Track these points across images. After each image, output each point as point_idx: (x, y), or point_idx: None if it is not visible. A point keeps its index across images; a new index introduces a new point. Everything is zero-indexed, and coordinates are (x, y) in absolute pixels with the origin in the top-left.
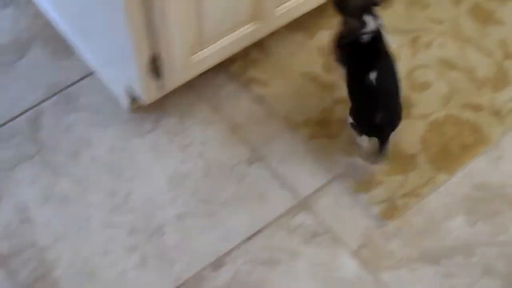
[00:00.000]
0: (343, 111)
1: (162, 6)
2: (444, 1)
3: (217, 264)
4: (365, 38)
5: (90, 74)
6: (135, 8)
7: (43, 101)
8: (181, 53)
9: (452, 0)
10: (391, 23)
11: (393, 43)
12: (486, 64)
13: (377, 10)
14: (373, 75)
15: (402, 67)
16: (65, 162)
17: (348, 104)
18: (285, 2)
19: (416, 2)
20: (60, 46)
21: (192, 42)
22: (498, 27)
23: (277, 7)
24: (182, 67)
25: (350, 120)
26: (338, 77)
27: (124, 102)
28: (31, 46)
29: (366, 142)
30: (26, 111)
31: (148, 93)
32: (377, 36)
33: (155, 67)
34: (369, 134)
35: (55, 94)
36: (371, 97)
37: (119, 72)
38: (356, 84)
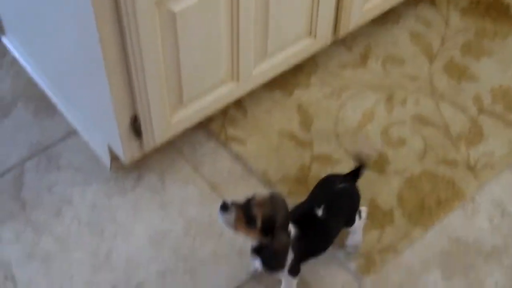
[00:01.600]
0: (320, 168)
1: (141, 69)
2: (419, 58)
3: None
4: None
5: (72, 133)
6: (117, 71)
7: (26, 160)
8: (160, 114)
9: (427, 56)
10: (367, 80)
11: (369, 100)
12: (460, 120)
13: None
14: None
15: (377, 124)
16: (47, 220)
17: (324, 161)
18: (262, 63)
19: (391, 59)
20: (43, 105)
21: (171, 103)
22: (472, 82)
23: (254, 67)
24: (161, 127)
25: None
26: None
27: (106, 161)
28: (14, 105)
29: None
30: (10, 170)
31: (129, 152)
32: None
33: (135, 127)
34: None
35: (37, 153)
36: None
37: (100, 131)
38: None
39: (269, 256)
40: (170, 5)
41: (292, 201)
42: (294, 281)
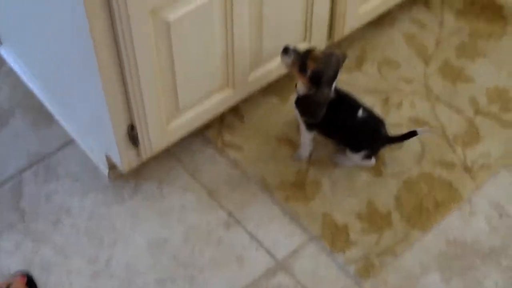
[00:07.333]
0: (317, 173)
1: (136, 78)
2: (414, 60)
3: None
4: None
5: (70, 142)
6: (112, 81)
7: (25, 170)
8: (157, 122)
9: (422, 59)
10: (364, 84)
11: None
12: (457, 121)
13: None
14: (360, 112)
15: None
16: (46, 229)
17: (321, 166)
18: (258, 68)
19: (387, 63)
20: (40, 115)
21: (167, 111)
22: (468, 84)
23: (250, 73)
24: (158, 135)
25: (361, 154)
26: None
27: (104, 169)
28: (12, 115)
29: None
30: (8, 180)
31: (127, 161)
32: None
33: (132, 136)
34: (382, 147)
35: (36, 163)
36: (370, 124)
37: (98, 140)
38: (351, 125)
39: (308, 105)
40: (164, 14)
41: (291, 208)
42: (307, 134)
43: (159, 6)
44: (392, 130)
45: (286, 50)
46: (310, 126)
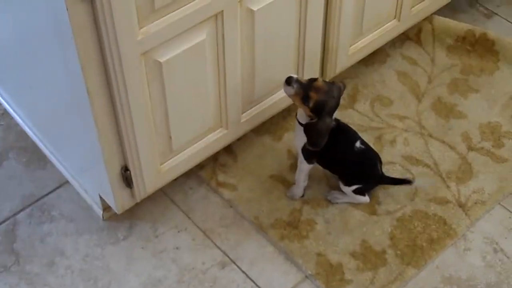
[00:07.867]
0: (311, 211)
1: (129, 120)
2: (407, 97)
3: None
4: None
5: (64, 183)
6: (105, 123)
7: (19, 212)
8: (150, 163)
9: (415, 96)
10: (357, 122)
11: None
12: (450, 158)
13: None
14: (358, 143)
15: None
16: (41, 271)
17: (315, 204)
18: (251, 108)
19: (380, 100)
20: (34, 157)
21: (160, 152)
22: (461, 120)
23: (243, 113)
24: (152, 177)
25: (353, 188)
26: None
27: (98, 210)
28: (5, 157)
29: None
30: (2, 222)
31: (120, 202)
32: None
33: (126, 177)
34: (375, 185)
35: (30, 204)
36: (366, 157)
37: (92, 182)
38: (347, 155)
39: (310, 133)
40: (156, 55)
41: (285, 247)
42: (305, 166)
43: (151, 47)
44: (386, 167)
45: (289, 81)
46: (310, 158)
